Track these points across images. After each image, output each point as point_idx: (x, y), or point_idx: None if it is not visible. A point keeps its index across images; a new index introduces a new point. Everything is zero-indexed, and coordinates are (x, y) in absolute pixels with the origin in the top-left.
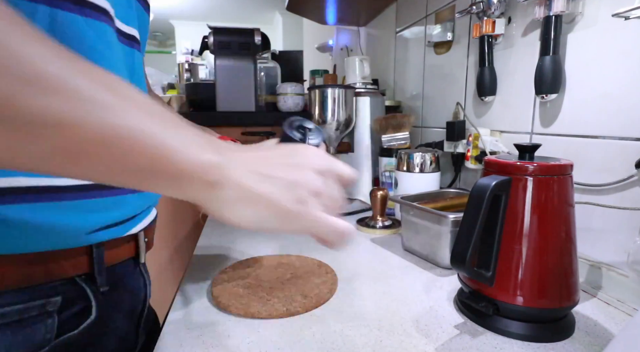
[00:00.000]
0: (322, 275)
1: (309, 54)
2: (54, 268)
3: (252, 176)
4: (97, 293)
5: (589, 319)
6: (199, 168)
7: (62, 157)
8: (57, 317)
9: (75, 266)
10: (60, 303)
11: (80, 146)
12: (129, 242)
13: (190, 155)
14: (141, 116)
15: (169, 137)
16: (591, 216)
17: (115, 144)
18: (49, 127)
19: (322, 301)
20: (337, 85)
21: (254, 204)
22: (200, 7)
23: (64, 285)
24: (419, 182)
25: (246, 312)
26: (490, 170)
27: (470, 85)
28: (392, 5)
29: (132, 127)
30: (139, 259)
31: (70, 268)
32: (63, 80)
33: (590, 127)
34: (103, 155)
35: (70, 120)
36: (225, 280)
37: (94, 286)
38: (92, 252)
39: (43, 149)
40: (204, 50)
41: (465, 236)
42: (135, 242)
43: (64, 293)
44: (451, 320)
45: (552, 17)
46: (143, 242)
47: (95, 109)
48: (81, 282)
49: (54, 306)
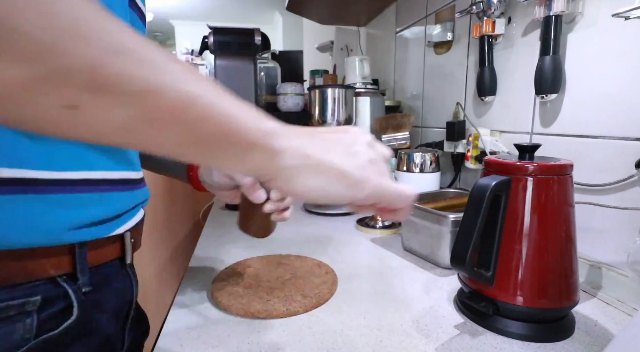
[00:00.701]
0: (322, 275)
1: (309, 54)
2: (33, 267)
3: (315, 145)
4: (79, 293)
5: (589, 319)
6: (265, 135)
7: (144, 125)
8: (36, 317)
9: (56, 266)
10: (39, 303)
11: (162, 113)
12: (114, 242)
13: (256, 122)
14: (207, 87)
15: (233, 106)
16: (591, 216)
17: (191, 110)
18: (135, 94)
19: (322, 301)
20: (337, 85)
21: (320, 171)
22: (200, 7)
23: (45, 284)
24: (419, 182)
25: (246, 312)
26: (490, 170)
27: (470, 85)
28: (392, 5)
29: (203, 96)
30: (125, 260)
31: (52, 268)
32: (142, 51)
33: (590, 127)
34: (180, 122)
35: (153, 87)
36: (225, 280)
37: (75, 285)
38: (75, 252)
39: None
40: (204, 50)
41: (465, 236)
42: (121, 242)
43: (44, 293)
44: (451, 320)
45: (552, 17)
46: (129, 243)
47: (172, 78)
48: (62, 282)
49: (33, 305)
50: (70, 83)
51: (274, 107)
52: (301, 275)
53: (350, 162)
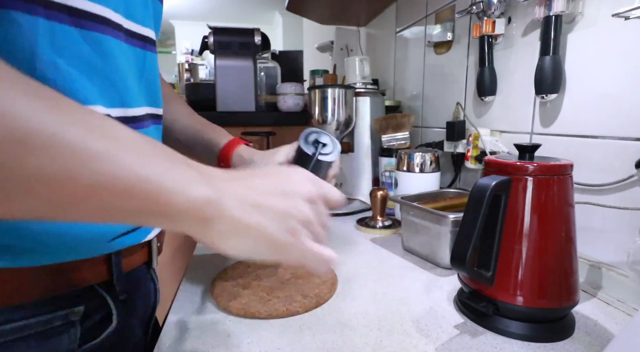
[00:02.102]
0: (322, 275)
1: (309, 54)
2: (75, 278)
3: (244, 207)
4: (117, 301)
5: (589, 319)
6: (193, 206)
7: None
8: (79, 327)
9: (95, 274)
10: (82, 312)
11: (74, 197)
12: (143, 248)
13: (184, 193)
14: (134, 159)
15: (163, 176)
16: (591, 216)
17: (109, 190)
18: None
19: (322, 301)
20: (337, 85)
21: (246, 236)
22: (200, 7)
23: (86, 294)
24: (419, 182)
25: (246, 312)
26: (490, 170)
27: (470, 85)
28: (392, 5)
29: (126, 172)
30: (152, 264)
31: (91, 276)
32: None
33: (590, 127)
34: (97, 202)
35: (62, 175)
36: (225, 280)
37: (113, 293)
38: (111, 260)
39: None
40: (204, 50)
41: (465, 236)
42: (149, 247)
43: (86, 302)
44: (451, 320)
45: (552, 17)
46: (156, 247)
47: (88, 160)
48: (101, 291)
49: (77, 315)
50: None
51: (274, 107)
52: (301, 275)
53: (278, 226)
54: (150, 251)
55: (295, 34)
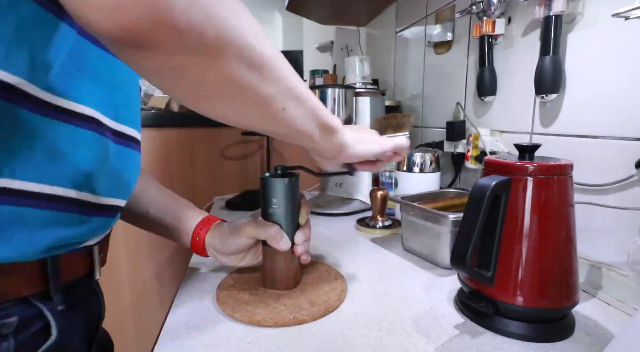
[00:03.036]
0: (331, 281)
1: (308, 54)
2: (4, 286)
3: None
4: (55, 312)
5: (589, 319)
6: (337, 127)
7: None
8: (13, 340)
9: (28, 284)
10: (16, 324)
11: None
12: (84, 257)
13: (334, 120)
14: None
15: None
16: (591, 216)
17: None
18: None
19: (331, 308)
20: (337, 85)
21: (363, 141)
22: None
23: (19, 305)
24: (419, 182)
25: (251, 319)
26: (490, 170)
27: (470, 85)
28: (392, 5)
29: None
30: (94, 276)
31: (24, 286)
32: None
33: (590, 127)
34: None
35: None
36: (231, 284)
37: (50, 304)
38: (47, 268)
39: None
40: None
41: (465, 236)
42: (90, 257)
43: (19, 313)
44: (451, 320)
45: (552, 17)
46: (97, 257)
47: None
48: (36, 302)
49: (9, 327)
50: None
51: None
52: (309, 281)
53: (372, 137)
54: (92, 261)
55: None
